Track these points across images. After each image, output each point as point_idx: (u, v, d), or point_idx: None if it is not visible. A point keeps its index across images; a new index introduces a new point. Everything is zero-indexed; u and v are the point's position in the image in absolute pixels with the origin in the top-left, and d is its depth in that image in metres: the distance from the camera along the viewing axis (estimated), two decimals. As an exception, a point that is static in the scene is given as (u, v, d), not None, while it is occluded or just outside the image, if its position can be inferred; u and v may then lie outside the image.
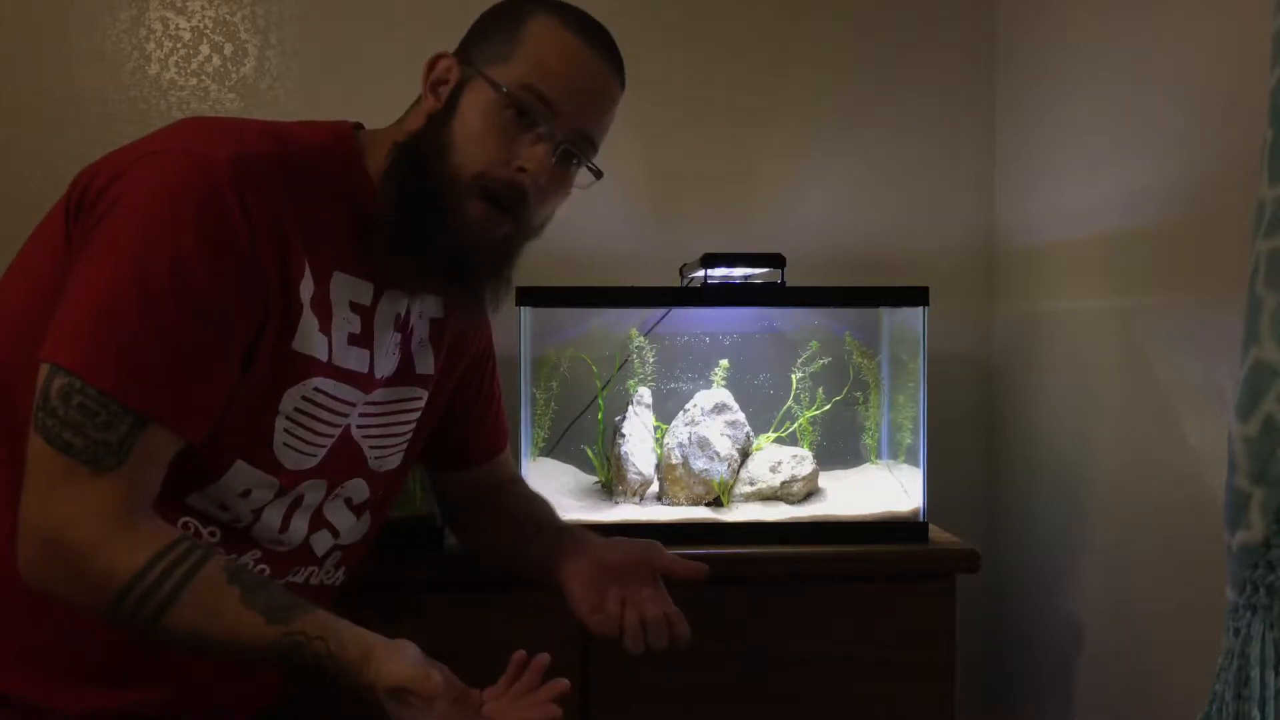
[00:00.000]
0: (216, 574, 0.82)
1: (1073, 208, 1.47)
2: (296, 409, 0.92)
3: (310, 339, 0.92)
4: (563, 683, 0.89)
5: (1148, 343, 1.28)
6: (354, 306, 0.96)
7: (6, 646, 0.89)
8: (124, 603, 0.80)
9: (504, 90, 0.92)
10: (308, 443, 0.95)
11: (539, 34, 0.94)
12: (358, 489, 1.03)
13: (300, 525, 0.98)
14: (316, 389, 0.93)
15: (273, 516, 0.95)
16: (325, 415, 0.95)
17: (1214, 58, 1.15)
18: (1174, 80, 1.22)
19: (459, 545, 1.25)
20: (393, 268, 0.98)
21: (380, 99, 1.07)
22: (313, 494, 0.98)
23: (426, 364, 1.08)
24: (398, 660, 0.82)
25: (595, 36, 0.96)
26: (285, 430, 0.92)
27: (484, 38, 0.97)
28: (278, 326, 0.89)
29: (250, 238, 0.85)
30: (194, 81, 1.63)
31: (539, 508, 1.18)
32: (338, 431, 0.98)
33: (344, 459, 1.00)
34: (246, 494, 0.91)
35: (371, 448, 1.03)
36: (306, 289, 0.91)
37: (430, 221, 0.93)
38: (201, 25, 1.63)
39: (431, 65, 0.97)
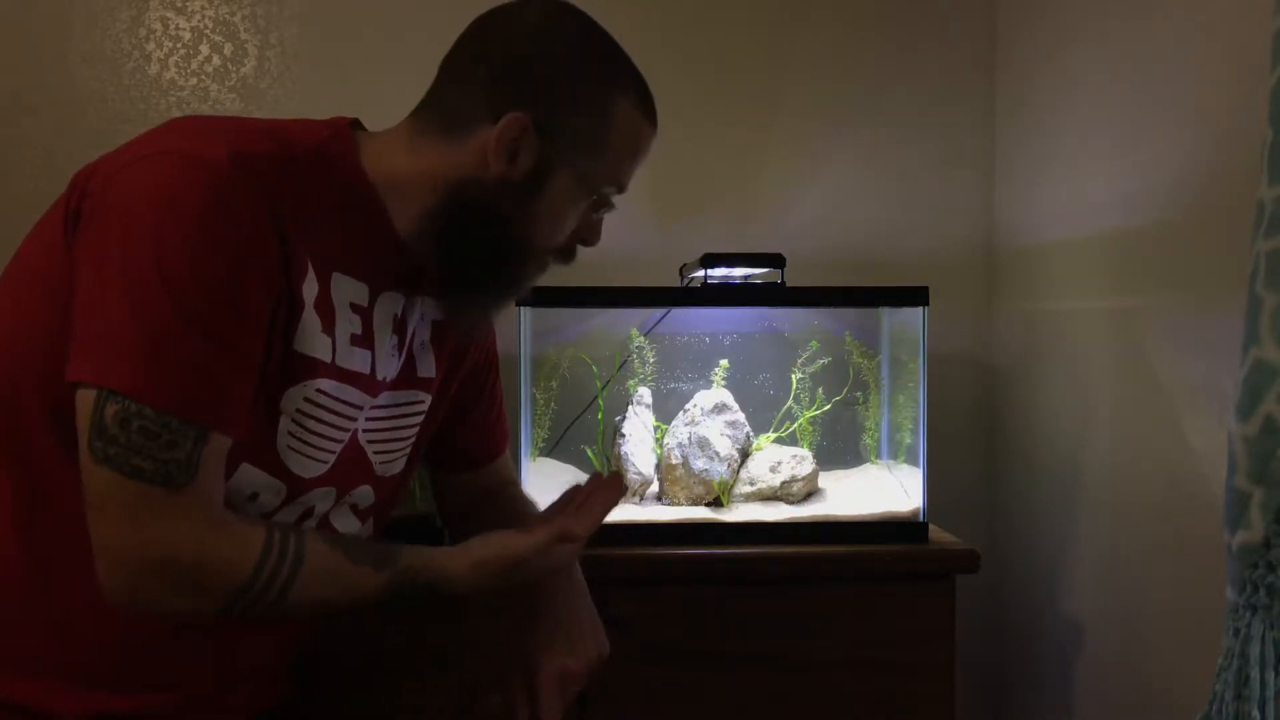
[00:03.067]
0: (319, 545, 0.87)
1: (1073, 208, 1.47)
2: (299, 410, 0.92)
3: (313, 340, 0.91)
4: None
5: (1148, 343, 1.28)
6: (354, 307, 0.96)
7: (8, 651, 0.88)
8: (246, 595, 0.83)
9: (596, 192, 0.98)
10: (316, 447, 0.94)
11: (624, 123, 0.96)
12: (364, 495, 1.03)
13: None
14: (320, 390, 0.93)
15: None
16: (330, 418, 0.95)
17: (1214, 58, 1.15)
18: (1174, 80, 1.22)
19: (453, 544, 1.25)
20: (391, 268, 0.98)
21: (380, 99, 1.07)
22: (323, 503, 0.98)
23: (428, 367, 1.08)
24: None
25: (653, 106, 1.00)
26: (289, 433, 0.92)
27: (568, 113, 0.94)
28: (282, 324, 0.89)
29: (254, 235, 0.85)
30: (194, 81, 1.63)
31: (533, 514, 1.18)
32: (346, 436, 0.97)
33: (352, 466, 1.00)
34: (254, 498, 0.91)
35: (376, 453, 1.03)
36: (310, 289, 0.90)
37: (493, 279, 0.99)
38: (201, 25, 1.63)
39: (504, 124, 0.92)
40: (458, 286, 1.00)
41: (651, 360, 1.49)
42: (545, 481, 1.44)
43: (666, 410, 1.49)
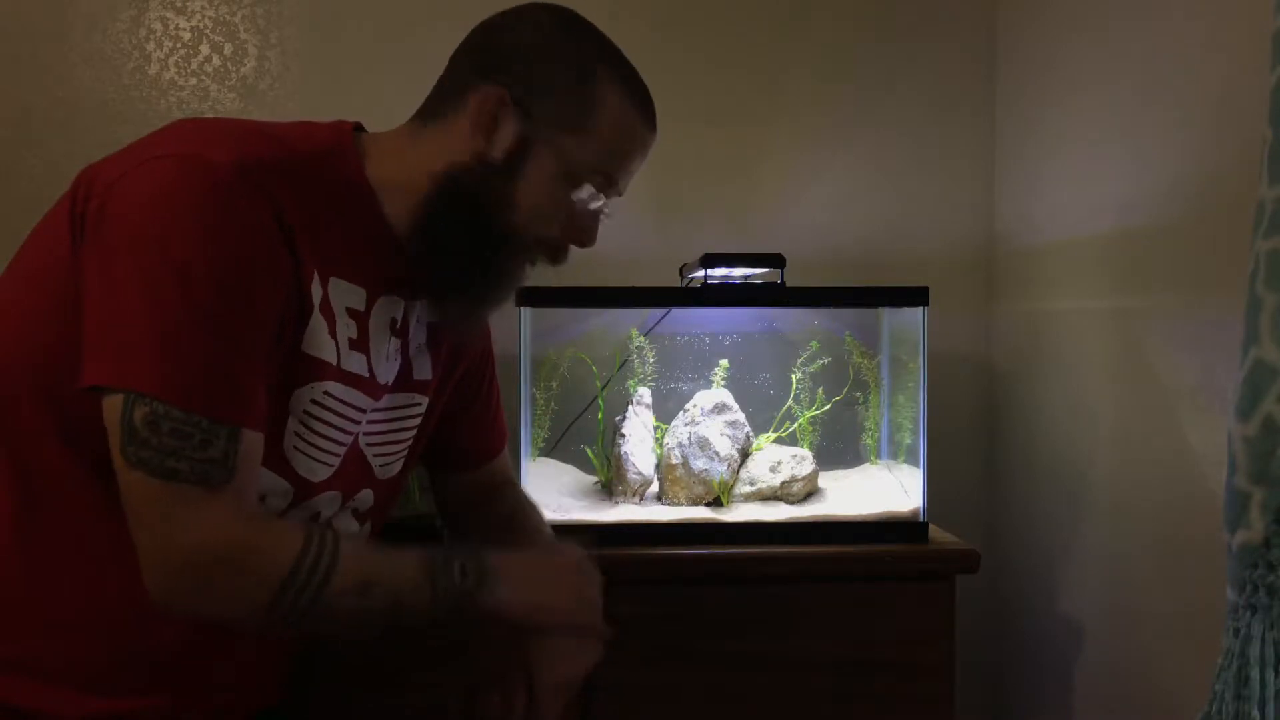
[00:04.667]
0: (349, 538, 0.87)
1: (1073, 208, 1.47)
2: (306, 412, 0.92)
3: (321, 342, 0.91)
4: None
5: (1148, 343, 1.28)
6: (350, 312, 0.96)
7: (5, 652, 0.88)
8: (291, 586, 0.82)
9: (581, 173, 0.95)
10: (321, 450, 0.94)
11: (613, 112, 0.95)
12: (364, 499, 1.03)
13: None
14: (327, 392, 0.93)
15: None
16: (337, 420, 0.95)
17: (1214, 58, 1.15)
18: (1174, 80, 1.22)
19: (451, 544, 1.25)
20: (389, 272, 0.97)
21: (380, 99, 1.07)
22: (328, 508, 0.98)
23: (425, 370, 1.08)
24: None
25: (650, 106, 0.99)
26: (296, 434, 0.92)
27: (548, 90, 0.94)
28: (292, 325, 0.89)
29: (261, 236, 0.85)
30: (194, 81, 1.63)
31: (531, 514, 1.18)
32: (350, 439, 0.98)
33: (355, 470, 1.00)
34: (261, 499, 0.91)
35: (375, 456, 1.03)
36: (316, 292, 0.91)
37: (478, 270, 0.97)
38: (201, 25, 1.63)
39: (480, 97, 0.93)
40: (445, 279, 0.98)
41: (651, 360, 1.49)
42: (545, 482, 1.44)
43: (666, 410, 1.49)
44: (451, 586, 0.89)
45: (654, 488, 1.44)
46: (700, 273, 1.39)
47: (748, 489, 1.42)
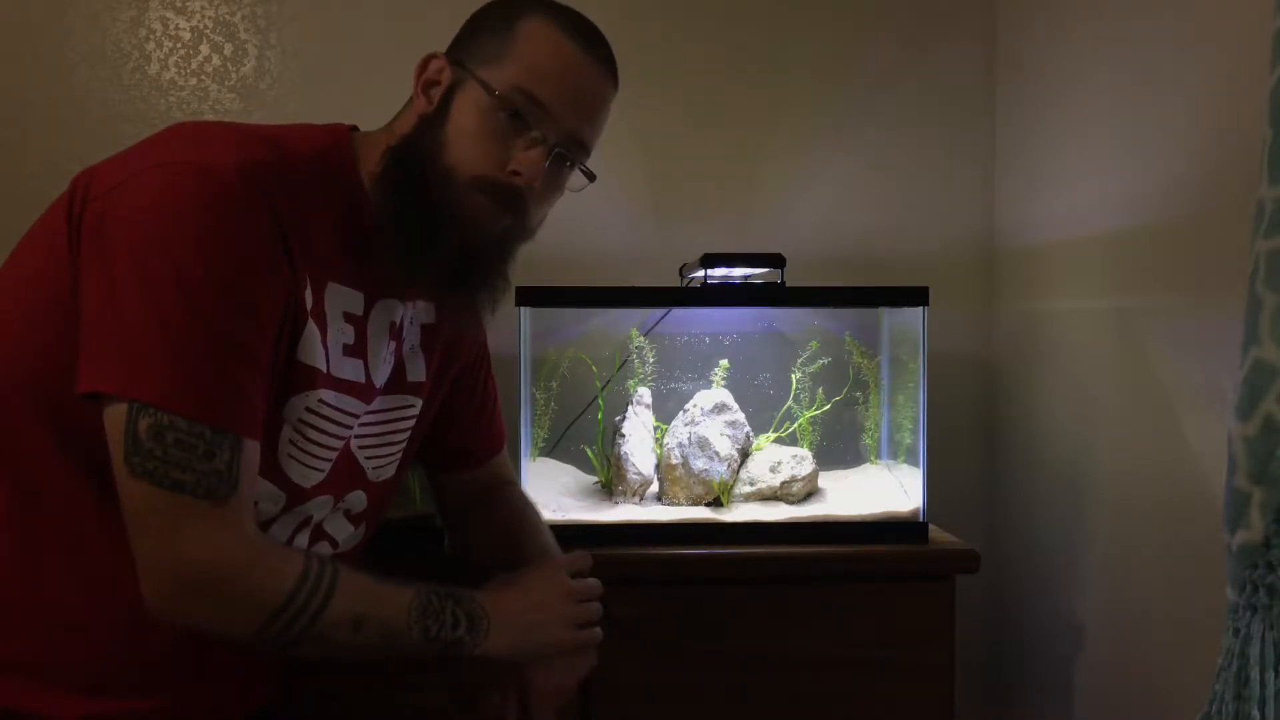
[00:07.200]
0: (347, 568, 0.88)
1: (1073, 208, 1.47)
2: (300, 420, 0.92)
3: (313, 350, 0.91)
4: None
5: (1148, 343, 1.28)
6: (347, 317, 0.96)
7: (2, 653, 0.88)
8: (284, 613, 0.82)
9: (496, 93, 0.92)
10: (315, 456, 0.94)
11: (532, 36, 0.93)
12: (357, 500, 1.03)
13: (302, 539, 0.98)
14: (320, 400, 0.93)
15: (280, 532, 0.95)
16: (330, 427, 0.95)
17: (1214, 58, 1.15)
18: (1174, 80, 1.22)
19: (451, 544, 1.25)
20: (388, 274, 0.97)
21: (380, 99, 1.06)
22: (320, 511, 0.98)
23: (418, 371, 1.08)
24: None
25: (589, 38, 0.96)
26: (290, 441, 0.92)
27: (475, 38, 0.96)
28: (288, 334, 0.89)
29: (262, 243, 0.85)
30: (194, 81, 1.63)
31: (531, 515, 1.18)
32: (342, 444, 0.98)
33: (347, 473, 1.00)
34: (254, 505, 0.91)
35: (368, 459, 1.03)
36: (309, 298, 0.91)
37: (429, 221, 0.93)
38: (201, 25, 1.63)
39: (423, 66, 0.96)
40: (403, 243, 0.94)
41: (651, 360, 1.49)
42: (545, 481, 1.44)
43: (666, 410, 1.49)
44: (443, 632, 0.90)
45: (654, 488, 1.44)
46: (700, 273, 1.39)
47: (748, 489, 1.42)
